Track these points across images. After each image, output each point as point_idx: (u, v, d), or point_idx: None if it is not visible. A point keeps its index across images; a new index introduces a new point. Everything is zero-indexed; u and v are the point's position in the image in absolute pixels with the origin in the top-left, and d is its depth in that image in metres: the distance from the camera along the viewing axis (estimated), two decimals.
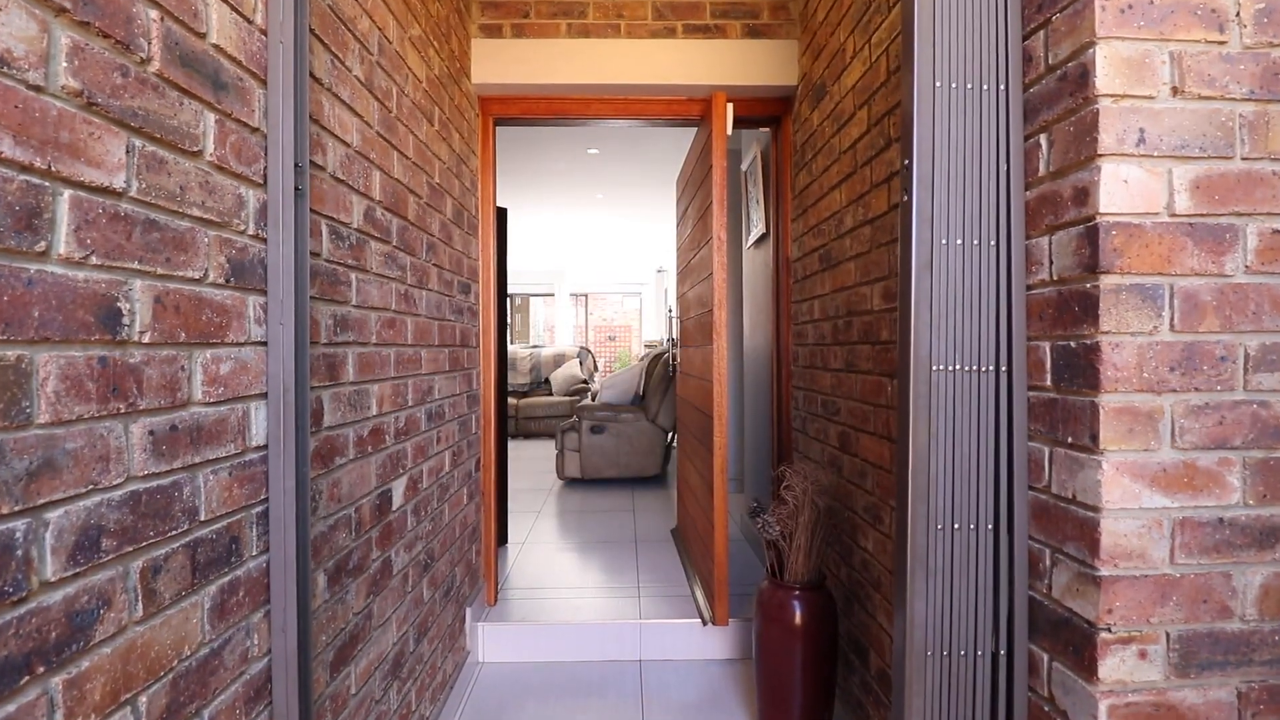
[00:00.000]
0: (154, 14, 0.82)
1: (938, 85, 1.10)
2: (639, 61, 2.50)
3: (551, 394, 7.97)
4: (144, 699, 0.80)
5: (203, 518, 0.91)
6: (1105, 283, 0.95)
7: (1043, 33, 1.07)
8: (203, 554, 0.91)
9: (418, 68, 1.85)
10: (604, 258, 12.38)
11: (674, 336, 4.23)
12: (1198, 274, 0.96)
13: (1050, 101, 1.05)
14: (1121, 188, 0.96)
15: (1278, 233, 0.97)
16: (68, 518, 0.69)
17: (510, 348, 8.66)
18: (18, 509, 0.64)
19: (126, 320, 0.78)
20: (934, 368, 1.08)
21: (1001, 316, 1.09)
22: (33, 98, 0.66)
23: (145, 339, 0.81)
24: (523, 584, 2.88)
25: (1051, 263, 1.05)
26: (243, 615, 0.99)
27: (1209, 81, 0.97)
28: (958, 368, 1.09)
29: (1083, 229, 0.98)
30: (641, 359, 5.77)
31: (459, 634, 2.28)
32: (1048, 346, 1.05)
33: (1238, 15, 0.97)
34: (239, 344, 0.99)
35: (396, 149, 1.67)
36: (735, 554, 3.32)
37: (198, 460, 0.90)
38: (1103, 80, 0.96)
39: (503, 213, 3.36)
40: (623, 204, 7.73)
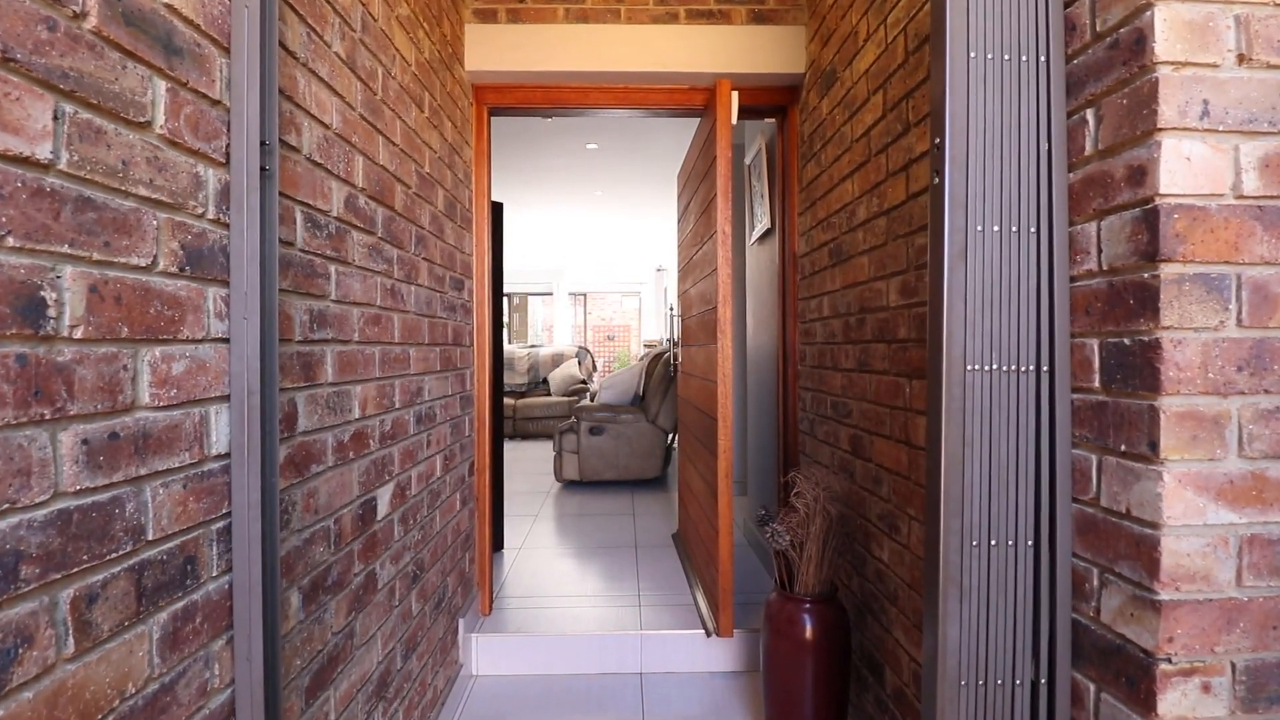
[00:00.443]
0: None
1: (972, 56, 1.00)
2: (640, 48, 2.39)
3: (550, 394, 7.87)
4: None
5: (151, 537, 0.80)
6: (1166, 272, 0.85)
7: None
8: (151, 578, 0.80)
9: (406, 50, 1.74)
10: (603, 256, 12.28)
11: (675, 336, 4.12)
12: (1268, 262, 0.86)
13: (1098, 72, 0.95)
14: (1183, 166, 0.86)
15: None
16: None
17: (508, 347, 8.56)
18: None
19: (53, 313, 0.67)
20: (968, 368, 0.98)
21: (1042, 311, 0.99)
22: None
23: (77, 334, 0.70)
24: (519, 592, 2.78)
25: (1100, 251, 0.94)
26: (200, 644, 0.89)
27: (1279, 48, 0.87)
28: (994, 368, 0.99)
29: (1139, 212, 0.88)
30: (641, 358, 5.67)
31: (451, 647, 2.18)
32: (1095, 344, 0.95)
33: None
34: (196, 340, 0.89)
35: (382, 134, 1.56)
36: (739, 559, 3.22)
37: (144, 472, 0.79)
38: (1162, 46, 0.86)
39: (498, 207, 3.25)
40: (622, 201, 7.62)
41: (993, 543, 0.99)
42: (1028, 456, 0.99)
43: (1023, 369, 0.99)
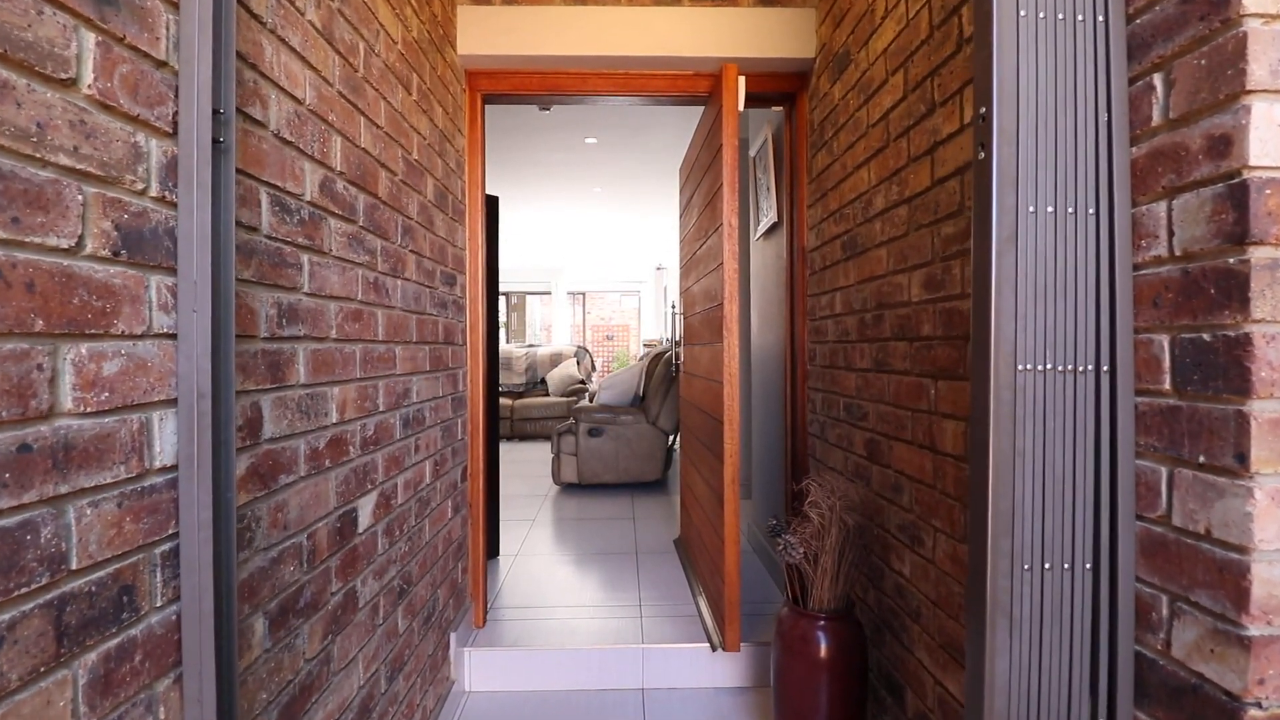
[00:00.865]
0: None
1: (1022, 15, 0.89)
2: (642, 32, 2.27)
3: (548, 394, 7.75)
4: None
5: (75, 565, 0.69)
6: (1257, 256, 0.73)
7: None
8: (75, 613, 0.69)
9: (391, 26, 1.62)
10: (602, 255, 12.16)
11: (677, 335, 4.01)
12: None
13: (1168, 31, 0.83)
14: (1276, 134, 0.74)
15: None
16: None
17: (505, 347, 8.43)
18: None
19: None
20: (1019, 367, 0.86)
21: (1102, 303, 0.87)
22: None
23: None
24: (515, 602, 2.66)
25: (1172, 234, 0.83)
26: (141, 685, 0.77)
27: None
28: (1048, 367, 0.87)
29: (1222, 188, 0.76)
30: (642, 358, 5.55)
31: (442, 663, 2.06)
32: (1165, 340, 0.84)
33: None
34: (134, 336, 0.77)
35: (364, 115, 1.44)
36: (743, 566, 3.10)
37: (66, 490, 0.68)
38: None
39: (494, 201, 3.13)
40: (622, 198, 7.50)
41: (1046, 566, 0.87)
42: (1085, 468, 0.87)
43: (1080, 369, 0.87)
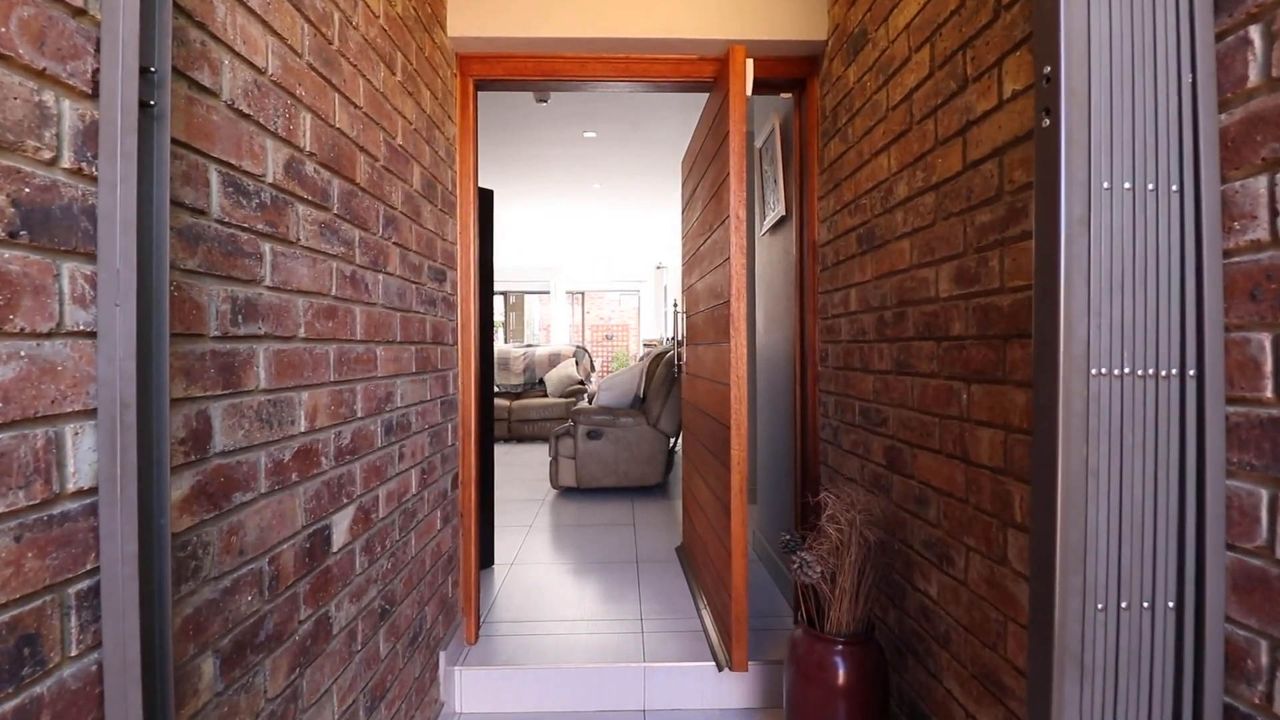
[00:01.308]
0: None
1: None
2: (644, 13, 2.14)
3: (546, 395, 7.62)
4: None
5: None
6: None
7: None
8: None
9: None
10: (601, 254, 12.03)
11: (679, 334, 3.88)
12: None
13: None
14: None
15: None
16: None
17: (503, 346, 8.29)
18: None
19: None
20: (1092, 371, 0.74)
21: (1187, 296, 0.75)
22: None
23: None
24: (509, 615, 2.53)
25: (1275, 214, 0.70)
26: None
27: None
28: (1126, 371, 0.74)
29: None
30: (642, 358, 5.42)
31: (430, 684, 1.93)
32: (1266, 340, 0.71)
33: None
34: (39, 335, 0.64)
35: (339, 92, 1.31)
36: (749, 575, 2.97)
37: None
38: None
39: (488, 194, 3.00)
40: (621, 195, 7.37)
41: (1122, 604, 0.75)
42: (1168, 490, 0.74)
43: (1162, 373, 0.74)
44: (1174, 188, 0.75)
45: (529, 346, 8.41)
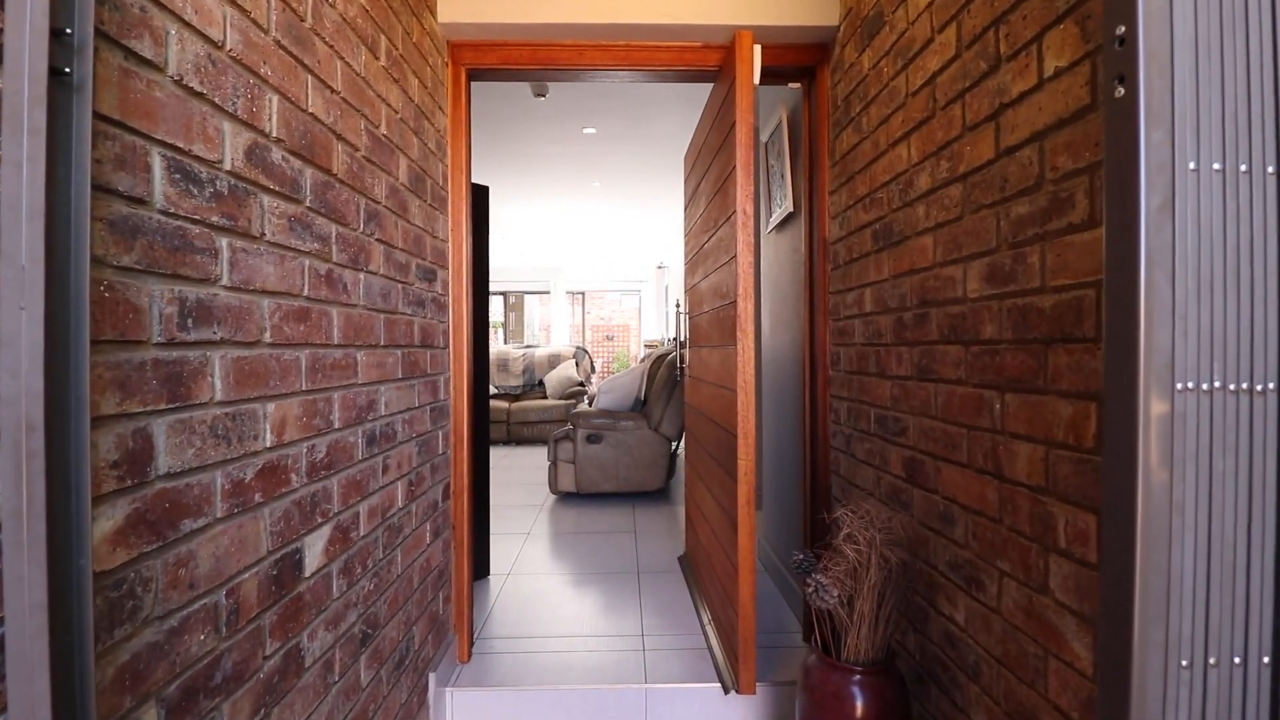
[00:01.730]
0: None
1: None
2: None
3: (546, 397, 7.50)
4: None
5: None
6: None
7: None
8: None
9: None
10: (601, 253, 11.91)
11: (681, 336, 3.78)
12: None
13: None
14: None
15: None
16: None
17: (502, 347, 8.18)
18: None
19: None
20: (1177, 386, 0.62)
21: None
22: None
23: None
24: (504, 631, 2.42)
25: None
26: None
27: None
28: (1217, 385, 0.63)
29: None
30: (643, 360, 5.30)
31: (419, 709, 1.82)
32: None
33: None
34: None
35: (313, 73, 1.20)
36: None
37: None
38: None
39: (483, 190, 2.89)
40: (622, 193, 7.26)
41: (1211, 660, 0.63)
42: (1264, 526, 0.63)
43: (1258, 388, 0.63)
44: (1270, 169, 0.64)
45: (528, 347, 8.31)
